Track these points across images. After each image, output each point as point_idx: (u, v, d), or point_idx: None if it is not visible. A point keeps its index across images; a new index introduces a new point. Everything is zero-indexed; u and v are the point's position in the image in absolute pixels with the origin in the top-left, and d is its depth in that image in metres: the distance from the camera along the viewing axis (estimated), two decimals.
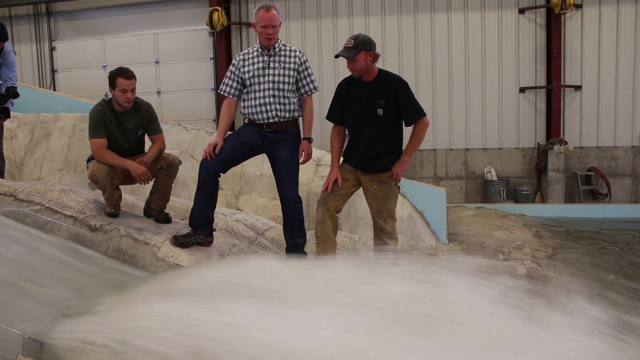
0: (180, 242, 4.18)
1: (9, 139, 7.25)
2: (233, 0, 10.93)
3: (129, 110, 4.40)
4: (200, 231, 4.22)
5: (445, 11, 10.19)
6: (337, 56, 4.00)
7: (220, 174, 4.17)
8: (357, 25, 10.30)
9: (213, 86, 11.20)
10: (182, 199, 5.83)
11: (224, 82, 4.24)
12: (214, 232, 4.35)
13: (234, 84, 4.20)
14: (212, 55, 11.17)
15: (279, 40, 4.14)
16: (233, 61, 4.24)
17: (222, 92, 4.27)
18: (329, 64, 10.15)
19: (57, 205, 4.44)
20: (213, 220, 4.32)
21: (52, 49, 12.07)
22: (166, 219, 4.65)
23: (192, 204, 5.28)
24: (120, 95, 4.26)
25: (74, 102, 8.00)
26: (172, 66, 11.23)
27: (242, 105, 4.23)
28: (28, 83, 11.04)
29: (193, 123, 7.97)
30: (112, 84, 4.26)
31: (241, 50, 10.86)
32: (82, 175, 6.89)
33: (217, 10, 10.42)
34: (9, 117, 5.19)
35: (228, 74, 4.23)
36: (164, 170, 4.51)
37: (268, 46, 4.09)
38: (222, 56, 10.86)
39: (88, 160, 4.55)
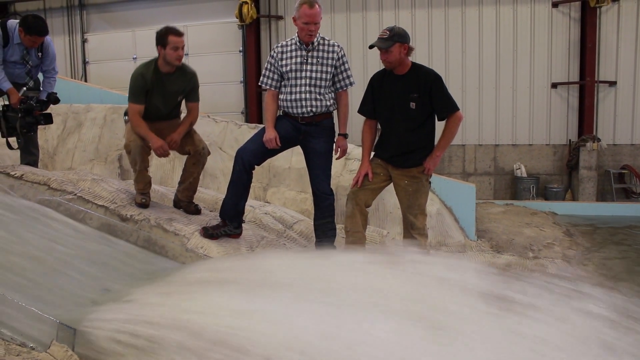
0: (209, 233, 4.21)
1: (42, 129, 7.37)
2: None
3: (175, 72, 4.40)
4: (229, 222, 4.23)
5: (476, 5, 10.03)
6: (371, 47, 3.94)
7: (255, 166, 4.18)
8: (386, 19, 10.21)
9: (242, 79, 11.24)
10: (210, 191, 5.87)
11: (264, 75, 4.25)
12: (242, 224, 4.37)
13: (274, 76, 4.20)
14: (241, 48, 11.19)
15: (318, 34, 4.12)
16: (271, 53, 4.22)
17: (262, 85, 4.27)
18: (358, 57, 10.08)
19: (89, 194, 4.50)
20: (243, 213, 4.33)
21: (84, 41, 12.25)
22: (196, 210, 4.68)
23: (220, 195, 5.33)
24: (172, 53, 4.26)
25: (104, 94, 8.10)
26: (201, 58, 11.28)
27: (280, 97, 4.23)
28: (60, 74, 11.17)
29: (222, 115, 7.99)
30: (162, 43, 4.25)
31: (270, 43, 10.95)
32: (113, 165, 6.99)
33: (246, 3, 10.42)
34: (51, 122, 5.25)
35: (267, 65, 4.23)
36: (191, 158, 4.55)
37: (307, 41, 4.08)
38: (252, 49, 10.88)
39: (125, 114, 4.56)
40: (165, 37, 4.23)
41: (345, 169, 6.25)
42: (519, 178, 9.83)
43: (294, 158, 6.51)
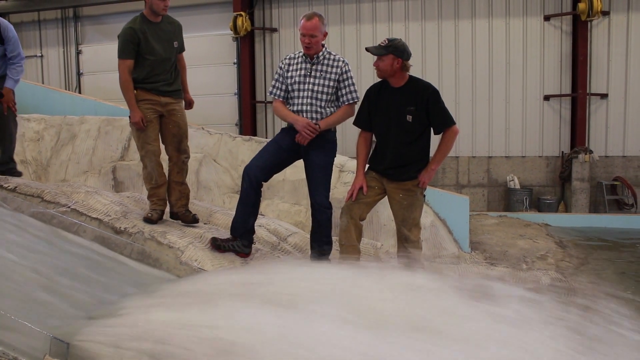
0: (217, 244, 4.21)
1: (36, 140, 7.36)
2: (257, 6, 11.00)
3: (162, 21, 4.45)
4: (239, 239, 4.23)
5: (469, 18, 10.13)
6: (366, 49, 3.99)
7: (263, 182, 4.18)
8: (380, 32, 10.29)
9: (236, 91, 11.28)
10: (204, 203, 5.85)
11: (273, 85, 4.28)
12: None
13: (282, 86, 4.23)
14: (235, 60, 11.24)
15: (324, 49, 4.15)
16: (279, 64, 4.28)
17: (271, 95, 4.30)
18: (352, 69, 10.11)
19: (83, 207, 4.49)
20: (254, 232, 4.31)
21: (78, 52, 12.28)
22: (193, 219, 4.67)
23: (215, 207, 5.33)
24: (159, 2, 4.31)
25: (99, 105, 8.10)
26: (195, 70, 11.24)
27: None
28: (54, 86, 11.22)
29: (216, 127, 8.02)
30: None
31: (264, 55, 11.01)
32: (107, 177, 6.97)
33: (241, 15, 10.50)
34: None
35: (276, 76, 4.28)
36: (174, 168, 4.59)
37: (309, 54, 4.10)
38: (246, 61, 10.93)
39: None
40: None
41: (340, 181, 6.26)
42: (513, 190, 9.88)
43: (288, 170, 6.45)
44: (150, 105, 4.42)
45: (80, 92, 11.89)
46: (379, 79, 4.08)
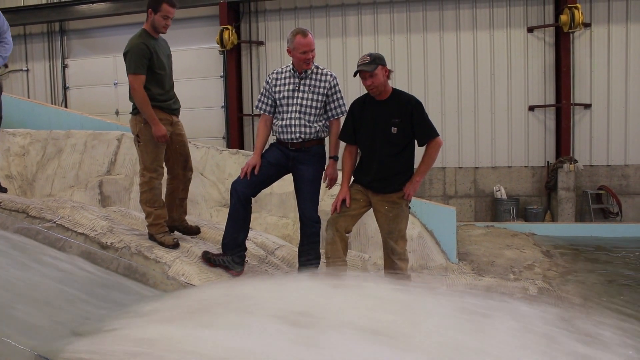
0: (207, 257, 4.20)
1: (21, 155, 7.31)
2: (243, 19, 11.05)
3: (158, 38, 4.42)
4: (230, 255, 4.21)
5: (454, 30, 10.25)
6: (356, 73, 3.99)
7: (251, 197, 4.19)
8: (366, 44, 10.37)
9: (223, 104, 11.28)
10: (192, 217, 5.83)
11: (259, 99, 4.31)
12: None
13: (268, 101, 4.26)
14: (222, 73, 11.26)
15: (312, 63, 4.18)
16: (266, 79, 4.30)
17: (257, 109, 4.32)
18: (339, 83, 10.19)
19: (69, 222, 4.46)
20: (245, 248, 4.29)
21: (64, 67, 12.22)
22: (197, 229, 4.71)
23: (202, 221, 5.32)
24: (161, 20, 4.26)
25: (85, 119, 8.06)
26: (182, 84, 11.20)
27: (273, 122, 4.27)
28: (40, 100, 11.17)
29: (203, 140, 8.00)
30: (155, 9, 4.24)
31: (251, 69, 11.04)
32: (93, 192, 6.93)
33: (227, 29, 10.53)
34: None
35: (262, 91, 4.30)
36: (180, 185, 4.57)
37: (299, 69, 4.13)
38: (232, 74, 10.95)
39: (138, 136, 4.39)
40: (160, 4, 4.23)
41: (327, 194, 6.27)
42: (499, 200, 9.94)
43: (275, 183, 6.50)
44: (166, 125, 4.37)
45: (66, 106, 11.83)
46: (365, 92, 4.11)
